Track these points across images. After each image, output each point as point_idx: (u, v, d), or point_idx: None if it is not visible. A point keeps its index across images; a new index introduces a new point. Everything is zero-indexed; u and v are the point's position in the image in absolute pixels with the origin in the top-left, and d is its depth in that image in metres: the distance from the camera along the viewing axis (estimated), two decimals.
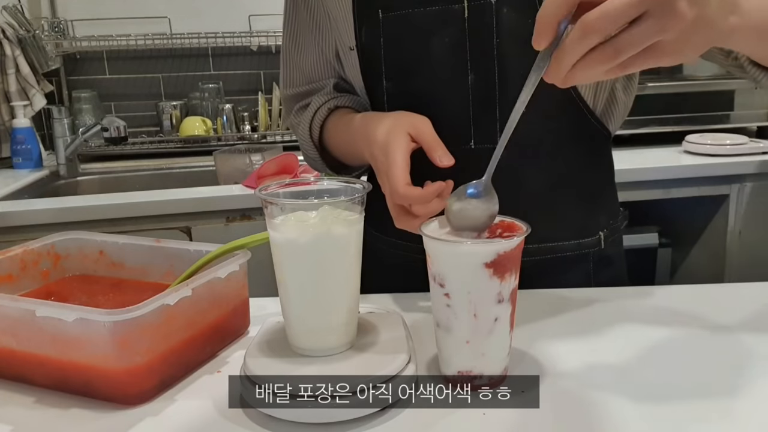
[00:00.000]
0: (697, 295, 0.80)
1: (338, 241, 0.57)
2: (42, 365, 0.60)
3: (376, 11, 0.80)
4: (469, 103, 0.77)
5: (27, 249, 0.75)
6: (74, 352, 0.58)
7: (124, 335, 0.56)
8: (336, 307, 0.58)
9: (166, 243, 0.74)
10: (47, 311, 0.57)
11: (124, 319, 0.55)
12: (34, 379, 0.62)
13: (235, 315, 0.70)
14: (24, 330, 0.60)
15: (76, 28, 2.13)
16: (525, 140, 0.70)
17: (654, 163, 1.64)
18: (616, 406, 0.55)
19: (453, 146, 0.67)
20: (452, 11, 0.76)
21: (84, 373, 0.59)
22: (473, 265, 0.54)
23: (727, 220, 1.67)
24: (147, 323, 0.57)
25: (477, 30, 0.75)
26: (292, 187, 0.61)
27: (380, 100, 0.84)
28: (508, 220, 0.58)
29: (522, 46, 0.68)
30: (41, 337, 0.59)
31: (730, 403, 0.56)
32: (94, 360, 0.58)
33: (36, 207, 1.47)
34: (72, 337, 0.57)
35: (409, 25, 0.79)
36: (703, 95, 1.85)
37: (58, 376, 0.60)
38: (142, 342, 0.57)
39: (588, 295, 0.80)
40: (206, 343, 0.66)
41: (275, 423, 0.54)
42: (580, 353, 0.65)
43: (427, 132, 0.69)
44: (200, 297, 0.63)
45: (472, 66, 0.77)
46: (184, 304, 0.60)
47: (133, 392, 0.58)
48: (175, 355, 0.61)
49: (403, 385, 0.55)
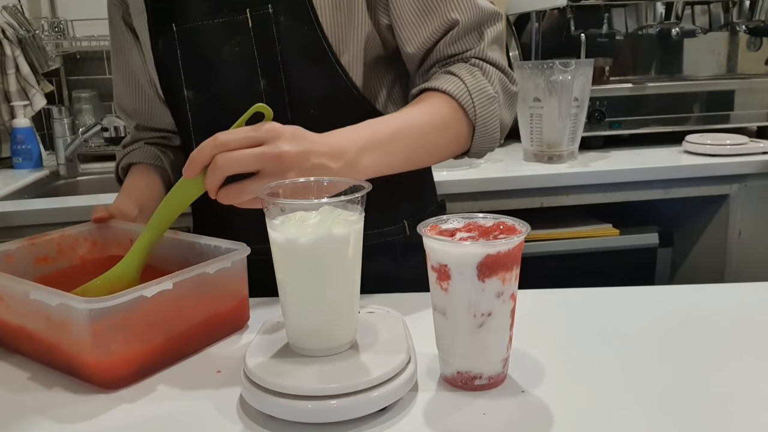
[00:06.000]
0: (697, 295, 0.80)
1: (338, 241, 0.57)
2: (35, 341, 0.65)
3: (170, 25, 0.86)
4: None
5: (64, 234, 0.82)
6: (59, 335, 0.62)
7: (101, 323, 0.59)
8: (336, 307, 0.58)
9: (183, 236, 0.78)
10: (38, 294, 0.61)
11: (100, 308, 0.58)
12: (30, 354, 0.67)
13: (228, 311, 0.71)
14: (22, 308, 0.66)
15: (76, 28, 2.13)
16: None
17: (654, 163, 1.64)
18: (617, 405, 0.55)
19: None
20: (238, 22, 0.82)
21: (66, 355, 0.62)
22: (472, 266, 0.54)
23: (727, 220, 1.66)
24: (123, 314, 0.59)
25: (262, 38, 0.82)
26: (292, 187, 0.61)
27: (183, 109, 0.90)
28: (509, 222, 0.58)
29: (301, 51, 0.83)
30: (36, 317, 0.64)
31: (730, 403, 0.56)
32: (75, 345, 0.61)
33: (36, 207, 1.46)
34: (58, 320, 0.62)
35: (201, 37, 0.85)
36: (703, 95, 1.85)
37: (47, 354, 0.65)
38: (118, 331, 0.60)
39: (588, 295, 0.80)
40: (193, 337, 0.67)
41: (275, 423, 0.54)
42: (580, 353, 0.65)
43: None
44: (185, 291, 0.64)
45: (262, 72, 0.83)
46: (165, 297, 0.62)
47: (109, 378, 0.61)
48: (155, 345, 0.63)
49: (403, 385, 0.55)
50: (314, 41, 0.81)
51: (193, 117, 0.90)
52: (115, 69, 1.00)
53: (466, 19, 0.81)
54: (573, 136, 1.68)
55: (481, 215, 0.60)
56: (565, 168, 1.62)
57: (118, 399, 0.59)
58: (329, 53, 0.82)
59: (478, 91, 0.80)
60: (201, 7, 0.84)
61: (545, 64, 1.62)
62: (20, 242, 0.78)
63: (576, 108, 1.65)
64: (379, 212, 0.86)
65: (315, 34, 0.81)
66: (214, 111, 0.87)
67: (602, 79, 1.83)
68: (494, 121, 0.82)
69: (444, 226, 0.59)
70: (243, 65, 0.83)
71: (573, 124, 1.67)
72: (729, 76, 2.15)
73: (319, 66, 0.82)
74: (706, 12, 2.07)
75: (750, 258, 1.67)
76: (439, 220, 0.60)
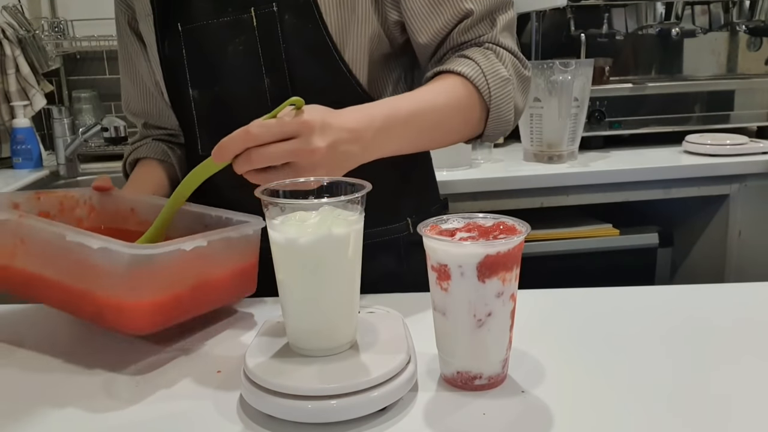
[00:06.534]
0: (697, 295, 0.80)
1: (338, 241, 0.57)
2: (57, 288, 0.66)
3: (176, 25, 0.86)
4: (267, 106, 0.82)
5: (67, 194, 0.84)
6: (92, 280, 0.63)
7: (140, 269, 0.61)
8: (336, 307, 0.58)
9: (188, 206, 0.79)
10: (76, 237, 0.62)
11: (142, 254, 0.60)
12: (49, 301, 0.69)
13: (243, 274, 0.75)
14: (48, 252, 0.66)
15: (76, 28, 2.13)
16: None
17: (654, 163, 1.64)
18: (617, 405, 0.55)
19: None
20: (243, 20, 0.82)
21: (96, 301, 0.63)
22: (472, 266, 0.54)
23: (727, 220, 1.66)
24: (161, 263, 0.62)
25: (266, 37, 0.83)
26: (292, 188, 0.62)
27: (188, 108, 0.90)
28: (509, 222, 0.58)
29: (306, 50, 0.83)
30: (65, 261, 0.64)
31: (730, 403, 0.56)
32: (110, 290, 0.62)
33: None
34: (93, 265, 0.62)
35: (206, 36, 0.86)
36: (703, 95, 1.85)
37: (71, 301, 0.66)
38: (154, 279, 0.62)
39: (588, 295, 0.80)
40: (212, 294, 0.71)
41: (275, 423, 0.54)
42: (581, 353, 0.65)
43: None
44: (214, 250, 0.68)
45: (266, 71, 0.83)
46: (197, 252, 0.65)
47: (138, 323, 0.63)
48: (181, 297, 0.66)
49: (403, 385, 0.55)
50: (318, 39, 0.81)
51: (198, 116, 0.90)
52: (124, 73, 1.01)
53: (480, 8, 0.82)
54: (573, 136, 1.68)
55: (481, 215, 0.60)
56: (565, 168, 1.62)
57: (118, 399, 0.59)
58: (333, 51, 0.82)
59: (493, 73, 0.80)
60: (206, 7, 0.85)
61: (545, 64, 1.62)
62: (29, 194, 0.80)
63: (576, 108, 1.65)
64: (384, 209, 0.87)
65: (319, 32, 0.81)
66: (219, 109, 0.88)
67: (602, 79, 1.83)
68: (508, 103, 0.82)
69: (444, 226, 0.59)
70: (247, 64, 0.84)
71: (573, 124, 1.67)
72: (729, 76, 2.15)
73: (323, 64, 0.83)
74: (706, 12, 2.07)
75: (750, 258, 1.67)
76: (439, 220, 0.60)
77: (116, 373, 0.64)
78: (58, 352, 0.69)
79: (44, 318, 0.80)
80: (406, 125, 0.74)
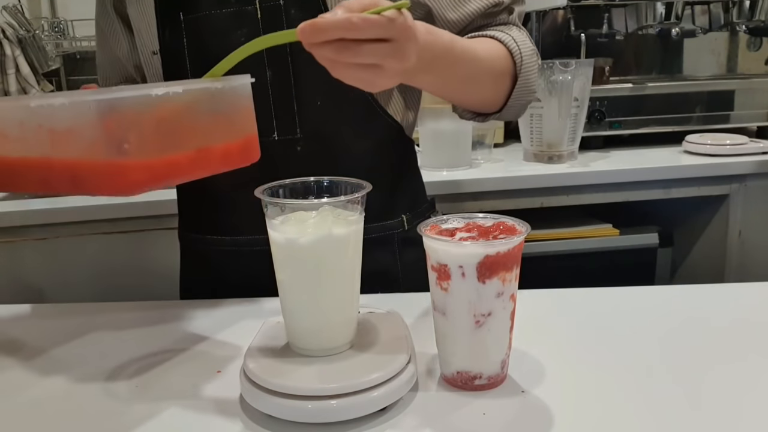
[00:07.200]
0: (697, 295, 0.80)
1: (338, 241, 0.57)
2: (35, 168, 0.60)
3: (177, 14, 0.85)
4: (269, 98, 0.83)
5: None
6: (66, 146, 0.57)
7: (112, 118, 0.54)
8: (336, 307, 0.58)
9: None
10: (40, 101, 0.58)
11: (108, 98, 0.54)
12: (32, 185, 0.63)
13: (239, 145, 0.67)
14: (21, 131, 0.60)
15: (76, 28, 2.13)
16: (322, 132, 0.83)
17: (654, 163, 1.64)
18: (617, 405, 0.55)
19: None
20: (247, 12, 0.82)
21: (72, 167, 0.58)
22: (472, 266, 0.54)
23: (727, 220, 1.66)
24: (134, 110, 0.55)
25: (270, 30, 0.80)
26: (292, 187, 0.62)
27: None
28: (509, 222, 0.58)
29: None
30: (37, 134, 0.59)
31: (730, 403, 0.56)
32: (85, 150, 0.57)
33: (36, 207, 1.46)
34: (65, 128, 0.57)
35: (209, 26, 0.85)
36: (703, 95, 1.85)
37: (50, 177, 0.60)
38: (129, 129, 0.55)
39: (588, 295, 0.80)
40: (203, 157, 0.62)
41: (275, 423, 0.54)
42: (580, 353, 0.65)
43: None
44: (196, 105, 0.61)
45: (269, 63, 0.83)
46: (175, 103, 0.58)
47: (121, 183, 0.56)
48: (169, 156, 0.59)
49: (403, 385, 0.55)
50: None
51: None
52: (101, 51, 1.00)
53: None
54: (573, 136, 1.68)
55: (481, 215, 0.60)
56: (565, 168, 1.62)
57: (118, 399, 0.59)
58: None
59: (523, 42, 0.83)
60: None
61: (545, 64, 1.62)
62: None
63: (576, 108, 1.65)
64: (380, 206, 0.87)
65: None
66: None
67: (602, 79, 1.83)
68: (534, 73, 0.84)
69: (444, 226, 0.59)
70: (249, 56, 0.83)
71: (573, 124, 1.67)
72: (729, 76, 2.15)
73: None
74: (706, 12, 2.07)
75: (750, 258, 1.67)
76: (439, 220, 0.60)
77: (116, 373, 0.64)
78: (58, 352, 0.69)
79: (44, 318, 0.80)
80: (453, 65, 0.73)
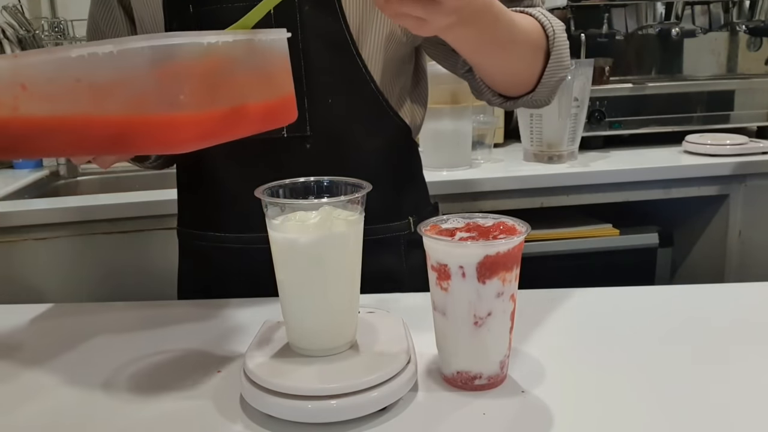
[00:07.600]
0: (697, 295, 0.80)
1: (338, 241, 0.57)
2: (70, 127, 0.55)
3: (187, 6, 0.83)
4: None
5: None
6: (110, 99, 0.52)
7: (167, 67, 0.50)
8: (336, 307, 0.58)
9: None
10: (81, 50, 0.52)
11: (166, 44, 0.50)
12: (63, 147, 0.58)
13: (278, 93, 0.64)
14: (54, 87, 0.55)
15: (76, 28, 2.13)
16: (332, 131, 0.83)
17: (654, 163, 1.64)
18: (617, 405, 0.55)
19: (266, 135, 0.69)
20: None
21: (119, 123, 0.53)
22: (472, 266, 0.54)
23: (727, 220, 1.66)
24: (187, 59, 0.51)
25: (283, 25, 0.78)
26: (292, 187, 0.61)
27: None
28: (509, 222, 0.58)
29: (323, 41, 0.82)
30: (75, 89, 0.53)
31: (730, 403, 0.56)
32: (134, 105, 0.52)
33: (36, 207, 1.46)
34: (109, 79, 0.52)
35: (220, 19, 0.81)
36: (703, 95, 1.85)
37: (89, 136, 0.55)
38: (185, 80, 0.51)
39: (588, 295, 0.80)
40: (245, 114, 0.59)
41: (275, 423, 0.54)
42: (580, 353, 0.65)
43: None
44: (242, 53, 0.58)
45: None
46: (222, 56, 0.55)
47: (173, 139, 0.52)
48: (219, 111, 0.55)
49: (403, 385, 0.55)
50: (337, 32, 0.81)
51: None
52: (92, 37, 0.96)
53: None
54: (573, 136, 1.68)
55: (481, 215, 0.60)
56: (565, 168, 1.62)
57: (118, 399, 0.59)
58: (351, 45, 0.82)
59: (552, 18, 0.84)
60: None
61: None
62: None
63: (576, 108, 1.65)
64: (386, 207, 0.87)
65: (338, 26, 0.81)
66: None
67: (602, 79, 1.83)
68: (567, 48, 0.84)
69: (444, 226, 0.59)
70: None
71: (573, 124, 1.67)
72: (729, 76, 2.15)
73: (339, 57, 0.82)
74: (706, 12, 2.07)
75: (750, 258, 1.67)
76: (440, 220, 0.60)
77: (116, 373, 0.64)
78: (57, 351, 0.69)
79: (44, 318, 0.80)
80: (493, 24, 0.70)
